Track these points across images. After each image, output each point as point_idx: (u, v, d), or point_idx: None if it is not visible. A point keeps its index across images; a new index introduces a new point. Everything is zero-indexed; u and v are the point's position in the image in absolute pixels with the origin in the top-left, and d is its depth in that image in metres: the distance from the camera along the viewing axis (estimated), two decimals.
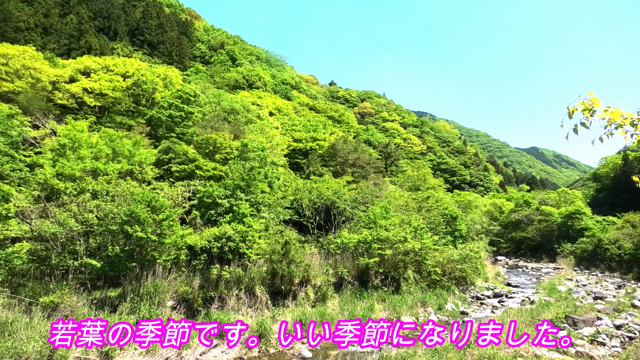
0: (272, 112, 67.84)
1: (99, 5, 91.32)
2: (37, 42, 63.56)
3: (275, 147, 46.67)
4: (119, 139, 31.65)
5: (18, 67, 40.64)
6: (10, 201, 19.37)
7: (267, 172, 34.66)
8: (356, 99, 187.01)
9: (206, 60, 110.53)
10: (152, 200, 19.84)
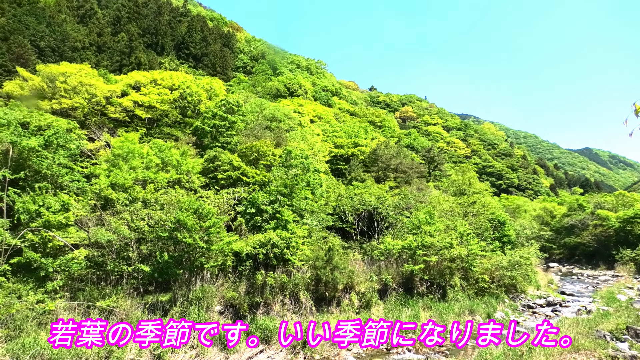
0: (313, 119, 68.36)
1: (147, 22, 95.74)
2: (92, 60, 67.42)
3: (317, 154, 46.93)
4: (168, 149, 32.90)
5: (75, 84, 43.22)
6: (70, 210, 20.52)
7: (309, 179, 34.89)
8: (397, 103, 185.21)
9: (248, 71, 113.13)
10: (198, 208, 20.46)
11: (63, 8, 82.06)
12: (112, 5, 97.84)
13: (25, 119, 32.85)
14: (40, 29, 67.19)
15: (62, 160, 26.07)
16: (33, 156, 23.96)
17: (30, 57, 58.68)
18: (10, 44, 58.48)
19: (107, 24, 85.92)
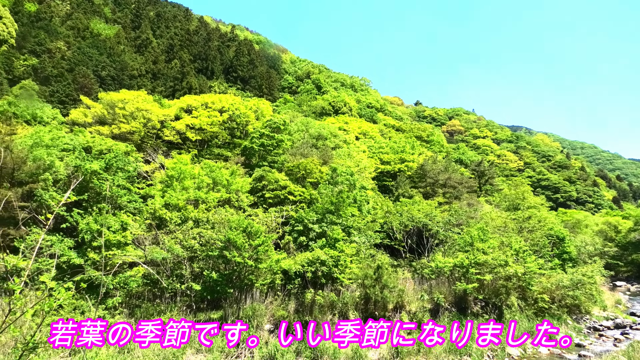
0: (358, 136, 68.36)
1: (198, 48, 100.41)
2: (148, 86, 71.34)
3: (363, 171, 46.73)
4: (218, 169, 33.95)
5: (133, 110, 45.82)
6: (128, 230, 21.52)
7: (356, 196, 34.73)
8: (443, 117, 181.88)
9: (293, 90, 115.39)
10: (247, 226, 20.82)
11: (122, 39, 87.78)
12: (165, 35, 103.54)
13: (88, 144, 35.07)
14: (102, 60, 72.08)
15: (121, 182, 27.50)
16: (95, 179, 25.41)
17: (93, 86, 62.92)
18: (76, 74, 63.07)
19: (161, 52, 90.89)
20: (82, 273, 19.87)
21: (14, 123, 36.02)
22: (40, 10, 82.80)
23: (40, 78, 60.65)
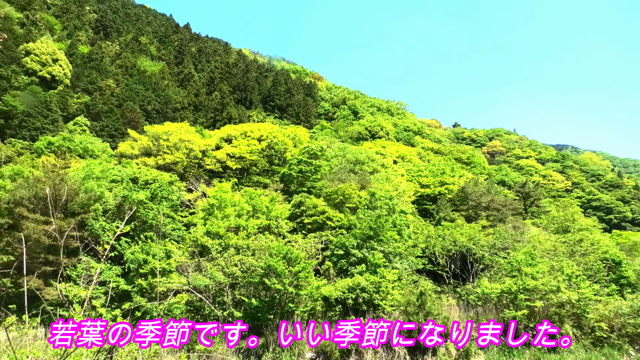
0: (396, 159, 67.92)
1: (237, 80, 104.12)
2: (190, 118, 74.26)
3: (402, 195, 46.18)
4: (258, 196, 34.50)
5: (176, 141, 47.70)
6: (172, 257, 22.09)
7: (395, 220, 34.26)
8: (483, 138, 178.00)
9: (330, 117, 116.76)
10: (287, 253, 20.88)
11: (166, 74, 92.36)
12: (206, 68, 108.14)
13: (135, 175, 36.62)
14: (148, 95, 75.91)
15: (165, 210, 28.45)
16: (141, 208, 26.41)
17: (140, 119, 66.17)
18: (124, 109, 66.66)
19: (202, 85, 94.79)
20: (130, 299, 20.45)
21: (68, 157, 38.28)
22: (92, 52, 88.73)
23: (92, 114, 64.46)
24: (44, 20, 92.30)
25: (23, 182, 27.19)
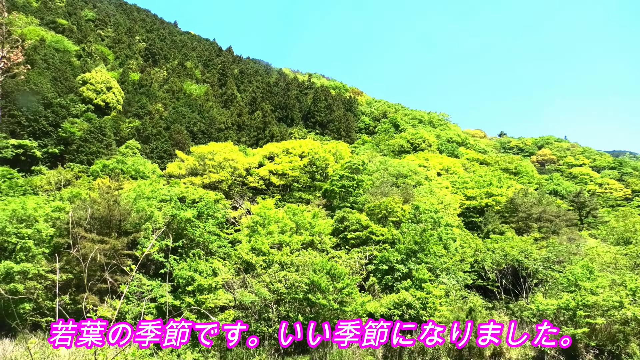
0: (439, 172, 66.56)
1: (278, 99, 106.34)
2: (234, 138, 76.34)
3: (447, 207, 45.06)
4: (300, 212, 34.74)
5: (221, 160, 49.11)
6: (218, 274, 22.54)
7: (441, 234, 33.41)
8: (532, 147, 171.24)
9: (370, 131, 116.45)
10: (331, 268, 20.80)
11: (210, 96, 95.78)
12: (248, 89, 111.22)
13: (183, 194, 37.89)
14: (193, 117, 78.87)
15: (211, 228, 29.18)
16: (188, 226, 27.23)
17: (186, 141, 68.76)
18: (171, 131, 69.53)
19: (245, 105, 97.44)
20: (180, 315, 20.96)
21: (121, 179, 40.24)
22: (142, 78, 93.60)
23: (142, 137, 67.66)
24: (98, 51, 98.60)
25: (80, 204, 28.77)
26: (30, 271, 25.36)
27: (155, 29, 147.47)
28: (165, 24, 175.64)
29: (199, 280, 21.06)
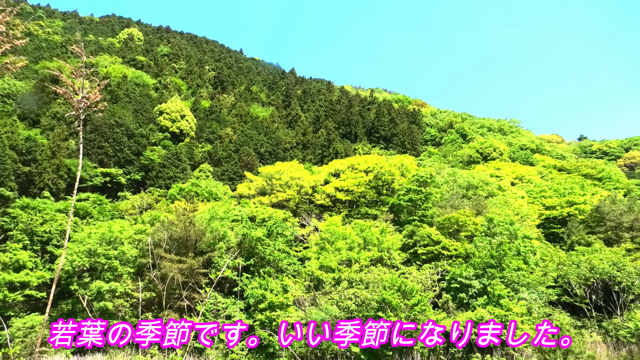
0: (513, 181, 63.17)
1: (340, 116, 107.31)
2: (299, 156, 77.96)
3: (525, 219, 42.49)
4: (368, 228, 34.45)
5: (287, 179, 50.24)
6: (289, 292, 22.84)
7: (518, 247, 31.47)
8: (617, 149, 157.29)
9: (437, 142, 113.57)
10: (401, 285, 20.31)
11: (275, 118, 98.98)
12: (312, 108, 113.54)
13: (253, 214, 39.13)
14: (260, 138, 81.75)
15: (281, 246, 29.77)
16: (259, 245, 28.00)
17: (254, 162, 71.27)
18: (240, 154, 72.48)
19: (308, 124, 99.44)
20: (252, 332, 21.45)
21: (196, 201, 42.43)
22: (212, 105, 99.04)
23: (214, 160, 71.17)
24: (172, 82, 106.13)
25: (160, 226, 30.67)
26: (117, 290, 27.34)
27: (223, 58, 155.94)
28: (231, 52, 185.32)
29: (270, 298, 21.47)
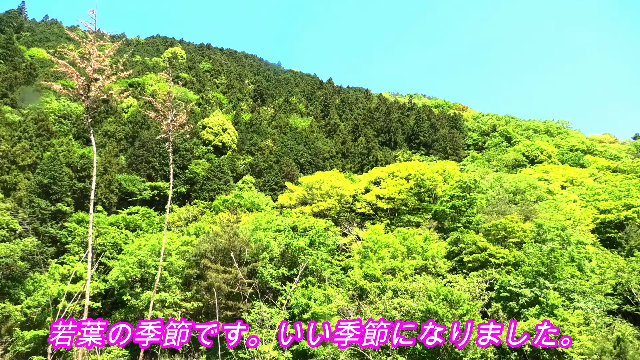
0: (563, 184, 60.43)
1: (379, 123, 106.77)
2: (339, 165, 78.05)
3: (578, 223, 40.47)
4: (411, 236, 33.91)
5: (327, 189, 50.36)
6: (332, 301, 22.77)
7: (572, 253, 29.97)
8: None
9: (479, 147, 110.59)
10: (447, 294, 19.80)
11: (314, 128, 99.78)
12: (350, 117, 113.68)
13: (295, 223, 39.43)
14: (300, 149, 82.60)
15: (323, 255, 29.78)
16: (302, 254, 28.14)
17: (295, 172, 71.99)
18: (281, 164, 73.46)
19: (347, 133, 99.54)
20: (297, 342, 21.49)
21: (239, 212, 43.29)
22: (252, 118, 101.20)
23: (255, 172, 72.52)
24: (214, 97, 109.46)
25: (205, 237, 31.46)
26: (167, 300, 28.21)
27: (261, 71, 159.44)
28: (270, 65, 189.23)
29: (313, 308, 21.48)
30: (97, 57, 11.96)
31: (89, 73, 11.93)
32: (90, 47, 11.81)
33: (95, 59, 11.90)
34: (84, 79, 11.96)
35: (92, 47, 11.82)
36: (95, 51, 11.88)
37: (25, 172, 44.79)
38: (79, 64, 12.13)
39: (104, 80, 12.13)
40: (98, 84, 12.01)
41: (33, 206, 40.63)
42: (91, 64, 11.91)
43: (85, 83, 11.96)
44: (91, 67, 11.88)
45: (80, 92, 12.07)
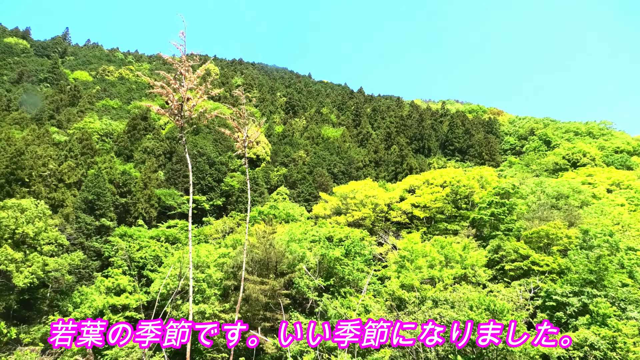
0: (609, 188, 57.74)
1: (412, 131, 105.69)
2: (372, 174, 77.62)
3: (627, 228, 38.50)
4: (449, 244, 33.20)
5: (362, 198, 50.11)
6: (370, 311, 22.51)
7: (622, 260, 28.48)
8: None
9: (517, 151, 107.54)
10: (490, 304, 19.21)
11: (346, 137, 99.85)
12: (382, 125, 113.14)
13: (330, 234, 39.40)
14: (333, 159, 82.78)
15: (359, 265, 29.57)
16: (338, 264, 28.04)
17: (328, 182, 72.11)
18: (314, 175, 73.79)
19: (380, 142, 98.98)
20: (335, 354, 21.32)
21: (274, 223, 43.68)
22: (285, 130, 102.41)
23: (289, 183, 73.12)
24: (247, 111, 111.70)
25: (241, 249, 31.86)
26: (206, 311, 28.67)
27: (292, 84, 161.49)
28: (300, 77, 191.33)
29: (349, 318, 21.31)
30: (189, 78, 12.71)
31: (181, 93, 12.64)
32: (181, 68, 12.47)
33: (187, 79, 12.57)
34: (177, 99, 12.66)
35: (182, 67, 12.53)
36: (190, 72, 12.64)
37: (72, 189, 46.92)
38: (173, 85, 12.83)
39: (197, 99, 12.85)
40: (191, 103, 12.75)
41: (79, 222, 42.45)
42: (183, 84, 12.65)
43: (178, 103, 12.69)
44: (183, 87, 12.61)
45: (174, 112, 12.83)
